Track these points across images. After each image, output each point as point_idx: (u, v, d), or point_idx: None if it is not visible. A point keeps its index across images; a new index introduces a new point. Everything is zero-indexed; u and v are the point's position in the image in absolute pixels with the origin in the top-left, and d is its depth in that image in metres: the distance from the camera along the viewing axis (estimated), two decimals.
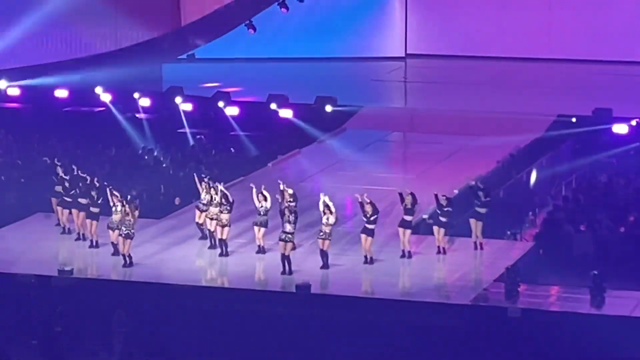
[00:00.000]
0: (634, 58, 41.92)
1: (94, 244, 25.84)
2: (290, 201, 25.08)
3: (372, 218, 24.73)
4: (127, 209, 24.80)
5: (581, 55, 42.72)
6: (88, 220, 26.17)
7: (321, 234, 24.47)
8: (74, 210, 26.60)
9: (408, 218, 25.17)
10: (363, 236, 24.88)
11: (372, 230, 24.71)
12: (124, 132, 35.83)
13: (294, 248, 24.56)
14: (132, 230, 24.66)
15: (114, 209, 24.97)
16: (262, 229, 24.72)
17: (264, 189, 25.39)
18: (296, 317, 22.81)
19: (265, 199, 24.88)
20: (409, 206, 25.33)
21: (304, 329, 22.57)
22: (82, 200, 26.37)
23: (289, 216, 24.38)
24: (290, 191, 25.53)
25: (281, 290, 23.73)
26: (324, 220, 24.50)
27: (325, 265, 24.43)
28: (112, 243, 25.22)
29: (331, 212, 24.66)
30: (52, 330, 23.50)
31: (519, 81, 40.83)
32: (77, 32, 40.70)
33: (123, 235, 24.64)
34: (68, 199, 26.76)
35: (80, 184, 26.79)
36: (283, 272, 24.07)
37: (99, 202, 26.29)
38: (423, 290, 24.02)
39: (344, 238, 26.42)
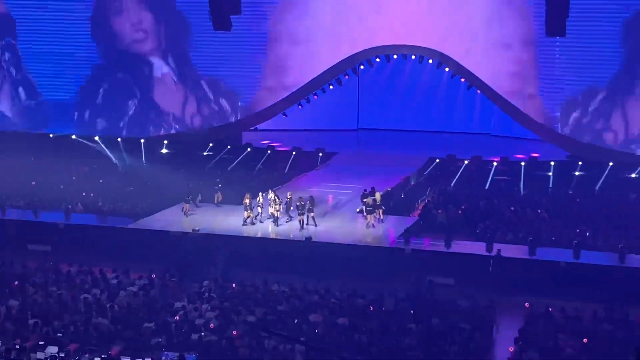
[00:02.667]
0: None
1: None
2: (301, 201, 30.09)
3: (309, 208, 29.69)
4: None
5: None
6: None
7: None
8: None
9: (369, 208, 30.42)
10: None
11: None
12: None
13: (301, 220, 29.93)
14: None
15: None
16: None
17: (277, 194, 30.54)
18: (306, 252, 28.56)
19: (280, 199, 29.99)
20: (369, 202, 30.37)
21: (309, 259, 28.17)
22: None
23: (300, 205, 29.90)
24: (303, 196, 30.49)
25: (298, 239, 29.33)
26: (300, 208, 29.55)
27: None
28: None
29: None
30: (186, 259, 28.62)
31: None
32: None
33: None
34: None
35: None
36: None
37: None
38: (363, 238, 29.60)
39: (327, 216, 32.02)
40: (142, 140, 42.03)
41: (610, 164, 36.40)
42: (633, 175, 35.95)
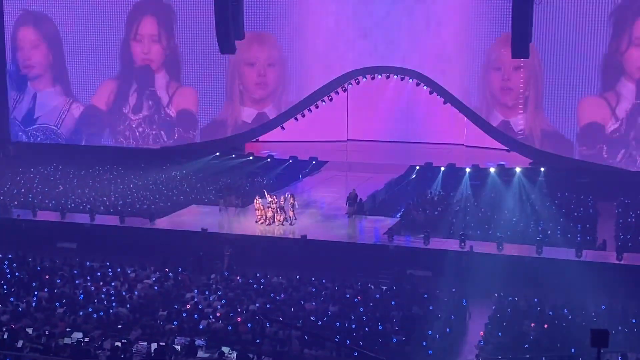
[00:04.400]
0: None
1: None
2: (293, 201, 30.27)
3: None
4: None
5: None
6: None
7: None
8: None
9: (351, 210, 31.21)
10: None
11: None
12: None
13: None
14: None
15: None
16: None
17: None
18: (301, 248, 28.70)
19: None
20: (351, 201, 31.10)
21: (304, 254, 28.36)
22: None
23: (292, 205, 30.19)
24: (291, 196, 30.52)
25: (294, 237, 29.32)
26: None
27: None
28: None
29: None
30: (196, 255, 28.55)
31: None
32: None
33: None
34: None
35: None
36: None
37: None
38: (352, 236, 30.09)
39: (317, 216, 32.16)
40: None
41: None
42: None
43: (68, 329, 21.10)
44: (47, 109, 44.53)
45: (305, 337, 20.71)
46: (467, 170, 38.14)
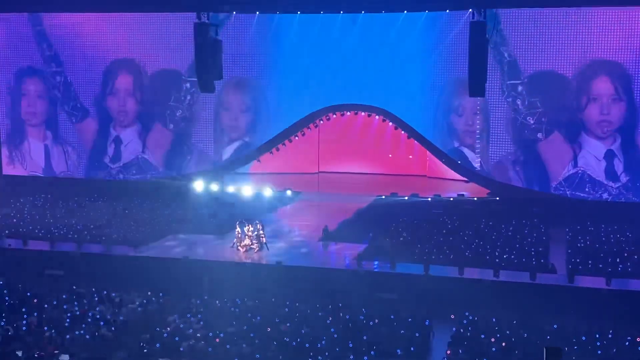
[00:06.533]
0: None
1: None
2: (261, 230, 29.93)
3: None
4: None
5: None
6: None
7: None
8: None
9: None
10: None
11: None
12: None
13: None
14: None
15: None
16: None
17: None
18: (276, 272, 28.58)
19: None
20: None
21: (279, 278, 28.07)
22: None
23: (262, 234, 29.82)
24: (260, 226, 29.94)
25: (271, 264, 28.88)
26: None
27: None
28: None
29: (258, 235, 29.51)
30: (178, 281, 27.69)
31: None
32: None
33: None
34: None
35: None
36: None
37: None
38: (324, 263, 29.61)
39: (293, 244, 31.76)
40: None
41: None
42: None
43: (56, 351, 20.67)
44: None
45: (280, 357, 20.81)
46: (429, 199, 38.66)
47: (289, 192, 39.87)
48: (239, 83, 41.66)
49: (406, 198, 38.00)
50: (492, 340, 21.41)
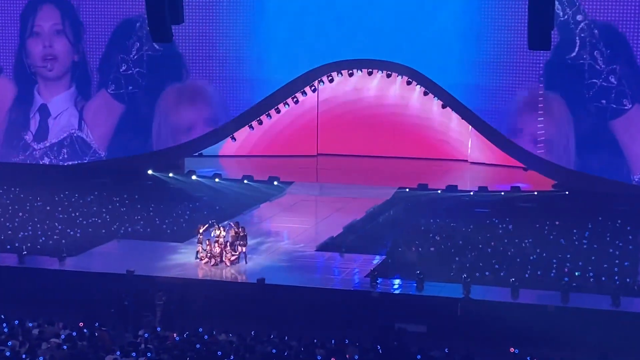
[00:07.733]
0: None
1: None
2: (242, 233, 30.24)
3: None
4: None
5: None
6: None
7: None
8: None
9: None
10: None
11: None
12: None
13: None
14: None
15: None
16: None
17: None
18: (258, 293, 28.96)
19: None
20: None
21: (262, 304, 28.56)
22: None
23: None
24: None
25: (251, 282, 29.32)
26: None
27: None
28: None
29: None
30: (120, 305, 28.24)
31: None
32: None
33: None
34: None
35: None
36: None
37: None
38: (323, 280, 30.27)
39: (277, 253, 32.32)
40: None
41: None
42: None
43: None
44: None
45: None
46: (471, 193, 38.97)
47: (275, 183, 41.44)
48: (208, 31, 41.93)
49: (439, 192, 38.76)
50: None
